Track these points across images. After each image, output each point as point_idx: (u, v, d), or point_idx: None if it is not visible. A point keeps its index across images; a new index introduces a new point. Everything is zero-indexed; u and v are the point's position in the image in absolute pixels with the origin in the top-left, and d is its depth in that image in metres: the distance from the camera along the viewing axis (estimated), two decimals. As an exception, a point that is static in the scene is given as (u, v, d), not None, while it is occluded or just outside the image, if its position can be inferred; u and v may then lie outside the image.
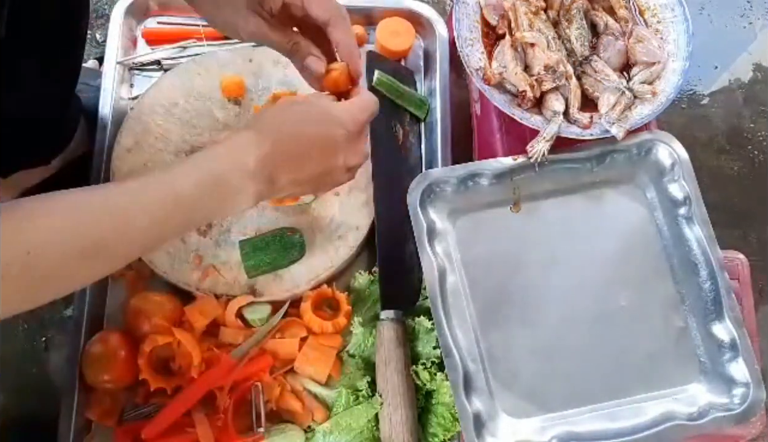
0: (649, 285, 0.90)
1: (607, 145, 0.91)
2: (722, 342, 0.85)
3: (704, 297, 0.87)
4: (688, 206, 0.89)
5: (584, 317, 0.88)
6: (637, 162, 0.92)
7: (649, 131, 0.92)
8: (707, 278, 0.87)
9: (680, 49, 0.94)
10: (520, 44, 0.92)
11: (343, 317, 0.90)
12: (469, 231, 0.91)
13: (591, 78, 0.92)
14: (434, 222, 0.90)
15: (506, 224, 0.91)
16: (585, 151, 0.91)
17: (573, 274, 0.90)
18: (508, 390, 0.86)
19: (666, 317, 0.89)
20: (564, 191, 0.92)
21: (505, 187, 0.91)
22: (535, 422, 0.85)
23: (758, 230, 1.27)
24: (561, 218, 0.92)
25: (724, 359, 0.85)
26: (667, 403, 0.85)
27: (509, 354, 0.87)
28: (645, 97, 0.91)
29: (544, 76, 0.89)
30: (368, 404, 0.86)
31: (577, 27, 0.94)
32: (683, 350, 0.88)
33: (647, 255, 0.91)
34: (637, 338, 0.88)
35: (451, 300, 0.86)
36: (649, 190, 0.93)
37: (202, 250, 0.92)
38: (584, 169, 0.92)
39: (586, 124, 0.89)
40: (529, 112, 0.90)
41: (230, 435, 0.83)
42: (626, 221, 0.92)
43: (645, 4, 0.98)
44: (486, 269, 0.90)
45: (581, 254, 0.91)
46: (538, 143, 0.88)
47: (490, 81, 0.90)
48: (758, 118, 1.36)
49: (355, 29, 1.07)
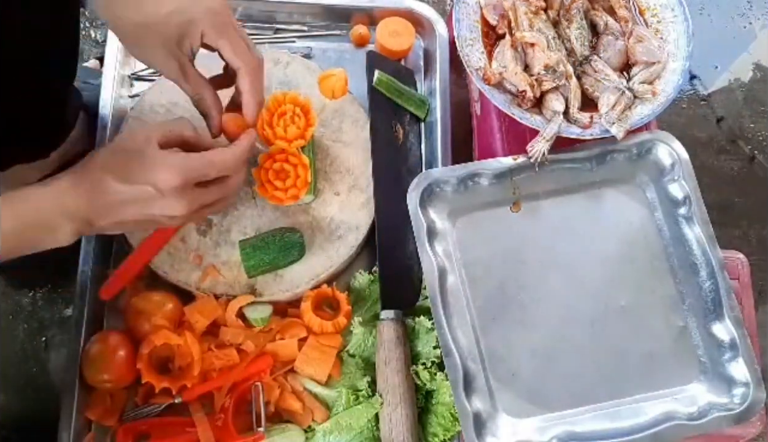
0: (649, 285, 0.90)
1: (607, 145, 0.91)
2: (722, 342, 0.85)
3: (704, 297, 0.87)
4: (688, 206, 0.89)
5: (584, 317, 0.89)
6: (637, 162, 0.92)
7: (649, 131, 0.92)
8: (707, 278, 0.87)
9: (680, 49, 0.94)
10: (520, 44, 0.92)
11: (343, 317, 0.90)
12: (469, 231, 0.91)
13: (591, 78, 0.92)
14: (434, 222, 0.90)
15: (506, 223, 0.92)
16: (585, 151, 0.91)
17: (573, 274, 0.90)
18: (508, 390, 0.86)
19: (666, 316, 0.89)
20: (564, 191, 0.92)
21: (505, 187, 0.91)
22: (535, 422, 0.85)
23: (758, 230, 1.27)
24: (561, 218, 0.92)
25: (724, 359, 0.85)
26: (667, 403, 0.85)
27: (509, 354, 0.87)
28: (645, 96, 0.91)
29: (544, 76, 0.89)
30: (368, 404, 0.86)
31: (577, 27, 0.94)
32: (683, 350, 0.88)
33: (647, 255, 0.91)
34: (637, 337, 0.88)
35: (451, 300, 0.86)
36: (649, 190, 0.93)
37: (202, 250, 0.92)
38: (584, 169, 0.92)
39: (587, 124, 0.89)
40: (529, 112, 0.90)
41: (230, 435, 0.83)
42: (626, 221, 0.92)
43: (645, 3, 0.98)
44: (486, 269, 0.90)
45: (581, 253, 0.91)
46: (538, 143, 0.88)
47: (490, 81, 0.90)
48: (758, 118, 1.36)
49: (358, 29, 1.07)
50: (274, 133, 0.88)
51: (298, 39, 1.08)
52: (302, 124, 0.89)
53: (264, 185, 0.89)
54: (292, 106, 0.89)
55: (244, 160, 0.76)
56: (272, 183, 0.88)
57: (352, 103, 1.00)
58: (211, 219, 0.93)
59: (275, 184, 0.88)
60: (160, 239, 0.90)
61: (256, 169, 0.89)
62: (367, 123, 0.98)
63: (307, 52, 1.07)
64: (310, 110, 0.90)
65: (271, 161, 0.88)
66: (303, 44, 1.08)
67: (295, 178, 0.88)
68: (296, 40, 1.08)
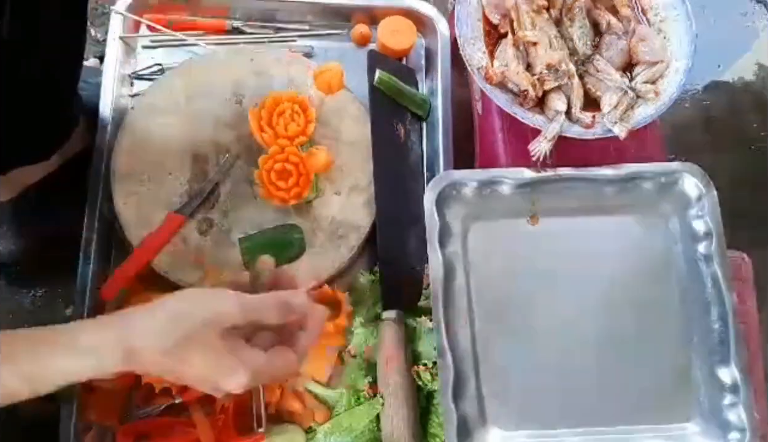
0: (657, 317, 0.88)
1: (632, 169, 0.90)
2: (724, 386, 0.84)
3: (712, 338, 0.86)
4: (709, 243, 0.87)
5: (587, 340, 0.87)
6: (661, 191, 0.91)
7: (678, 162, 0.91)
8: (718, 319, 0.86)
9: (683, 48, 0.93)
10: (522, 43, 0.91)
11: (345, 318, 0.89)
12: (483, 238, 0.90)
13: (593, 77, 0.91)
14: (447, 224, 0.89)
15: (522, 235, 0.90)
16: (611, 171, 0.90)
17: (582, 294, 0.88)
18: (499, 401, 0.84)
19: (670, 351, 0.87)
20: (584, 211, 0.91)
21: (524, 198, 0.90)
22: (523, 437, 0.84)
23: (761, 229, 1.26)
24: (578, 237, 0.90)
25: (723, 403, 0.84)
26: (659, 439, 0.84)
27: (506, 365, 0.86)
28: (648, 96, 0.91)
29: (546, 76, 0.89)
30: (369, 405, 0.85)
31: (579, 26, 0.94)
32: (683, 388, 0.86)
33: (660, 286, 0.89)
34: (638, 368, 0.86)
35: (454, 302, 0.86)
36: (672, 221, 0.92)
37: (203, 250, 0.91)
38: (608, 191, 0.91)
39: (589, 123, 0.89)
40: (531, 112, 0.89)
41: (230, 435, 0.83)
42: (643, 249, 0.91)
43: (648, 3, 0.97)
44: (495, 278, 0.88)
45: (593, 276, 0.89)
46: (540, 143, 0.88)
47: (491, 80, 0.90)
48: (761, 117, 1.35)
49: (359, 28, 1.07)
50: (275, 132, 0.88)
51: (299, 38, 1.07)
52: (302, 122, 0.89)
53: (267, 187, 0.88)
54: (291, 103, 0.88)
55: None
56: (275, 184, 0.88)
57: (353, 102, 1.00)
58: (212, 219, 0.93)
59: (278, 184, 0.88)
60: (161, 239, 0.90)
61: (258, 172, 0.89)
62: (367, 122, 0.98)
63: (308, 51, 1.07)
64: (309, 107, 0.89)
65: (271, 162, 0.88)
66: (304, 43, 1.07)
67: (298, 177, 0.88)
68: (297, 40, 1.07)
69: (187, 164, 0.95)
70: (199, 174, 0.94)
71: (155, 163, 0.94)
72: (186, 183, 0.94)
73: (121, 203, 0.92)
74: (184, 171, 0.94)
